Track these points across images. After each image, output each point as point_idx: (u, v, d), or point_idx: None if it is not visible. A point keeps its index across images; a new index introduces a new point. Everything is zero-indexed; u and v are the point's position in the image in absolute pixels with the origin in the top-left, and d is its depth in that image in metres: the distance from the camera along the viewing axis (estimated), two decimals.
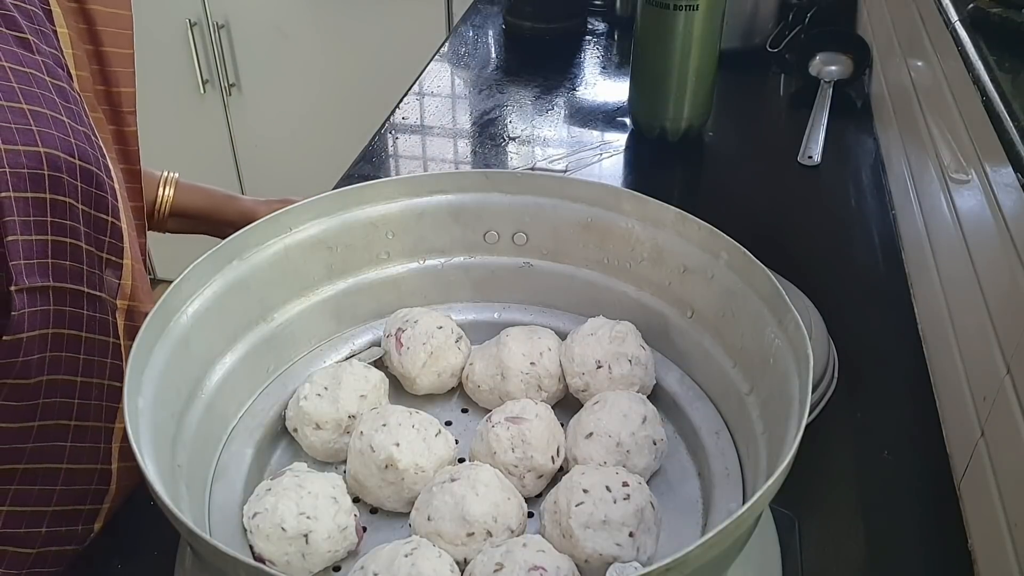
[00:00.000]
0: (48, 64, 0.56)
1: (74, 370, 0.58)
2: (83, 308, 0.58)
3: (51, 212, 0.54)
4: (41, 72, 0.55)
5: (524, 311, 0.67)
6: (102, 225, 0.59)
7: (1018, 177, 0.55)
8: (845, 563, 0.60)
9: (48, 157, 0.53)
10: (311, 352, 0.63)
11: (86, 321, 0.58)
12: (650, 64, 1.04)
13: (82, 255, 0.57)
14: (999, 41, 0.70)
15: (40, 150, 0.53)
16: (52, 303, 0.55)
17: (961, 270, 0.67)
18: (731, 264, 0.56)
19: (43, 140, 0.53)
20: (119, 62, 0.63)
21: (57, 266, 0.55)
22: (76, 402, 0.58)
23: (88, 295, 0.58)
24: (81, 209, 0.56)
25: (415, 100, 1.24)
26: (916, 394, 0.73)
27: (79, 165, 0.56)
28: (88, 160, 0.57)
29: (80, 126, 0.57)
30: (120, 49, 0.63)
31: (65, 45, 0.59)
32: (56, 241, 0.55)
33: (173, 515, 0.40)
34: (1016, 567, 0.51)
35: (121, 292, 0.61)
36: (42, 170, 0.53)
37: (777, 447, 0.48)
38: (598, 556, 0.47)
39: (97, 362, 0.60)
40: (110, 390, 0.61)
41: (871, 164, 1.05)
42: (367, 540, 0.52)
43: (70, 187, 0.55)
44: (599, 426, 0.54)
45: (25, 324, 0.53)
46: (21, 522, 0.58)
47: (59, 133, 0.55)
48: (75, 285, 0.57)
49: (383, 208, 0.63)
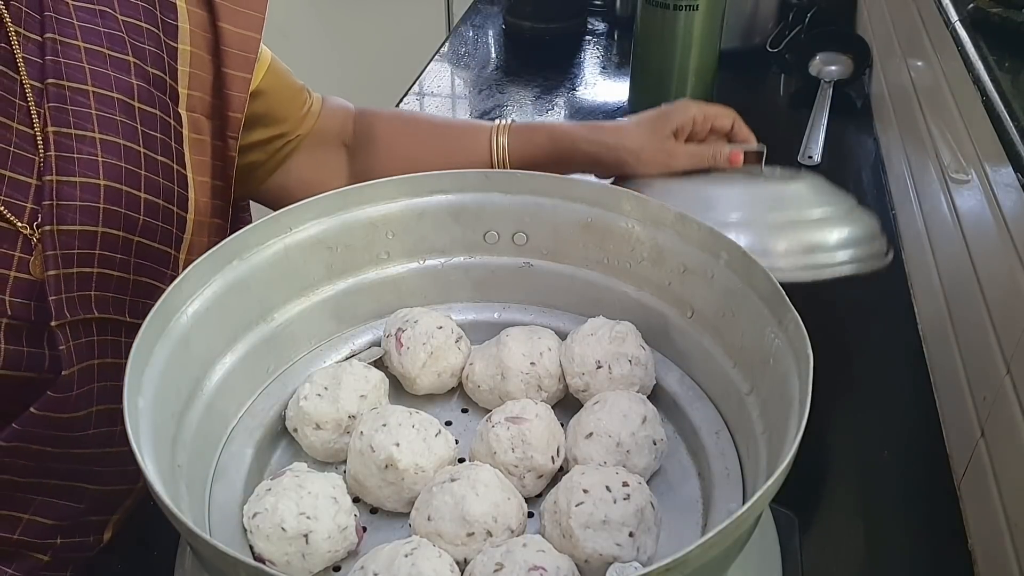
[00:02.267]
0: (143, 88, 0.55)
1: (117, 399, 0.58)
2: (121, 336, 0.58)
3: (100, 245, 0.53)
4: (130, 97, 0.55)
5: (524, 311, 0.67)
6: (163, 257, 0.58)
7: (1018, 177, 0.55)
8: (845, 563, 0.60)
9: (107, 190, 0.53)
10: (311, 352, 0.63)
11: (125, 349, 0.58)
12: (650, 64, 1.04)
13: (128, 286, 0.57)
14: (999, 41, 0.70)
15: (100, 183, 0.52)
16: (95, 334, 0.55)
17: (961, 270, 0.67)
18: (731, 264, 0.56)
19: (106, 172, 0.53)
20: (235, 85, 0.62)
21: (100, 298, 0.55)
22: (118, 429, 0.58)
23: (128, 324, 0.57)
24: (137, 241, 0.56)
25: (415, 100, 1.24)
26: (916, 394, 0.73)
27: (144, 199, 0.55)
28: (156, 193, 0.56)
29: (159, 156, 0.56)
30: (238, 72, 0.62)
31: (182, 63, 0.59)
32: (101, 274, 0.54)
33: (173, 515, 0.40)
34: (1016, 567, 0.51)
35: None
36: (97, 203, 0.52)
37: (777, 447, 0.48)
38: (598, 556, 0.47)
39: None
40: None
41: (871, 164, 1.05)
42: (367, 540, 0.52)
43: (128, 221, 0.55)
44: (599, 426, 0.54)
45: (73, 359, 0.53)
46: (40, 531, 0.58)
47: (128, 165, 0.54)
48: (117, 315, 0.56)
49: (383, 208, 0.63)
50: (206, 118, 0.62)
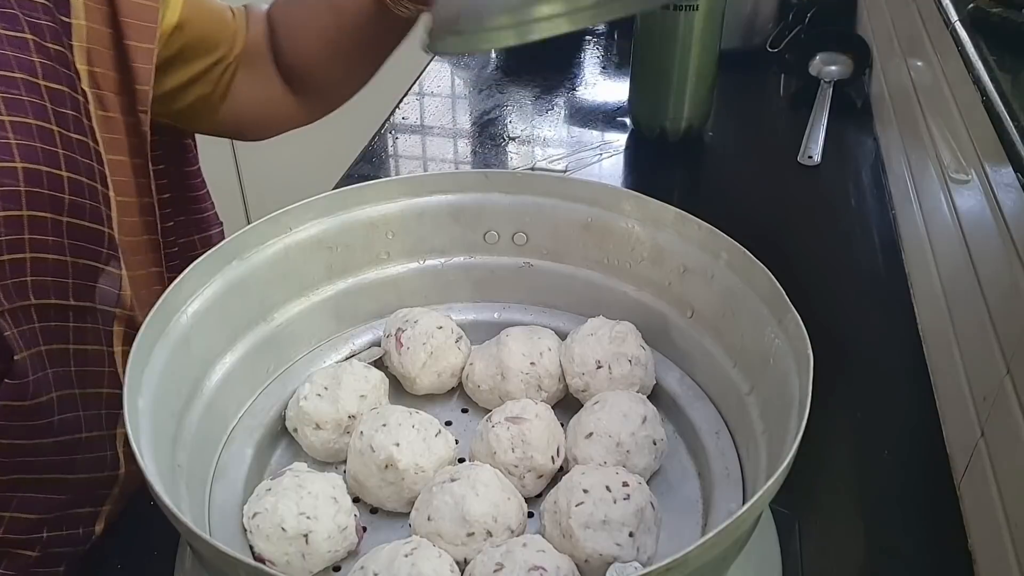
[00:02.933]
0: (46, 65, 0.54)
1: (72, 383, 0.57)
2: (69, 321, 0.57)
3: (29, 229, 0.52)
4: (34, 75, 0.53)
5: (524, 311, 0.67)
6: (96, 235, 0.57)
7: (1018, 177, 0.55)
8: (845, 563, 0.60)
9: (26, 172, 0.51)
10: (311, 352, 0.63)
11: (73, 333, 0.57)
12: (650, 64, 1.04)
13: (66, 268, 0.55)
14: (999, 41, 0.70)
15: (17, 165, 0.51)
16: (37, 320, 0.54)
17: (961, 270, 0.67)
18: (731, 264, 0.56)
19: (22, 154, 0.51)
20: (139, 56, 0.60)
21: (37, 283, 0.53)
22: (82, 414, 0.58)
23: (75, 308, 0.56)
24: (66, 222, 0.54)
25: (415, 100, 1.24)
26: (916, 394, 0.73)
27: (65, 177, 0.54)
28: (77, 171, 0.55)
29: (73, 133, 0.55)
30: (142, 44, 0.60)
31: (78, 39, 0.57)
32: (35, 258, 0.53)
33: (173, 515, 0.40)
34: (1016, 567, 0.51)
35: (121, 301, 0.60)
36: (18, 186, 0.51)
37: (777, 447, 0.48)
38: (598, 556, 0.47)
39: (93, 372, 0.59)
40: (109, 398, 0.61)
41: (871, 164, 1.05)
42: (367, 540, 0.52)
43: (53, 201, 0.53)
44: (599, 426, 0.54)
45: (19, 344, 0.52)
46: (24, 527, 0.58)
47: (43, 144, 0.52)
48: (59, 300, 0.55)
49: (383, 208, 0.63)
50: (113, 94, 0.59)
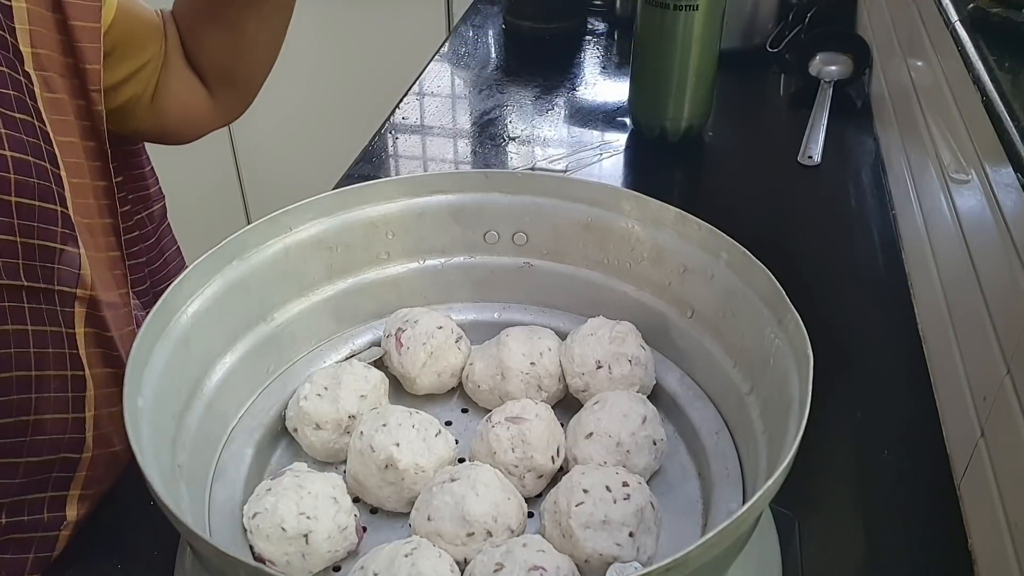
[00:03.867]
0: None
1: (28, 365, 0.57)
2: (23, 302, 0.56)
3: None
4: None
5: (524, 311, 0.67)
6: (49, 215, 0.57)
7: (1018, 177, 0.55)
8: (845, 563, 0.60)
9: None
10: (311, 352, 0.63)
11: (30, 314, 0.57)
12: (650, 64, 1.04)
13: (16, 249, 0.55)
14: (999, 41, 0.70)
15: None
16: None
17: (961, 270, 0.67)
18: (731, 264, 0.56)
19: None
20: (86, 36, 0.60)
21: None
22: (34, 396, 0.58)
23: (28, 288, 0.56)
24: (16, 202, 0.54)
25: (415, 100, 1.24)
26: (916, 394, 0.73)
27: (10, 156, 0.54)
28: (22, 149, 0.55)
29: (17, 113, 0.55)
30: (86, 23, 0.60)
31: (20, 21, 0.56)
32: None
33: (173, 515, 0.40)
34: (1016, 567, 0.51)
35: (81, 282, 0.59)
36: None
37: (777, 447, 0.48)
38: (598, 556, 0.47)
39: (53, 354, 0.58)
40: (74, 379, 0.60)
41: (871, 164, 1.05)
42: (367, 540, 0.53)
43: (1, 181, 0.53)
44: (599, 426, 0.54)
45: None
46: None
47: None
48: (10, 280, 0.55)
49: (383, 208, 0.63)
50: (59, 76, 0.59)
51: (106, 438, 0.63)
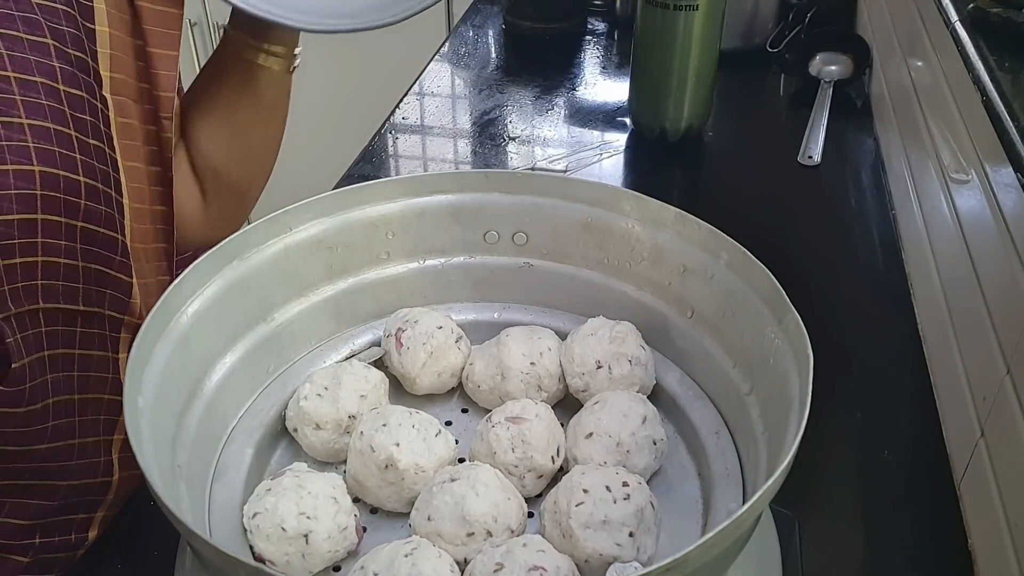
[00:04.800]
0: (66, 71, 0.54)
1: (72, 389, 0.57)
2: (77, 326, 0.57)
3: (42, 233, 0.52)
4: (54, 80, 0.53)
5: (524, 311, 0.67)
6: (109, 242, 0.57)
7: (1018, 177, 0.55)
8: (845, 563, 0.60)
9: (43, 176, 0.52)
10: (311, 352, 0.63)
11: (79, 338, 0.57)
12: (650, 64, 1.04)
13: (77, 273, 0.55)
14: (999, 41, 0.70)
15: (35, 169, 0.51)
16: (44, 324, 0.54)
17: (961, 270, 0.67)
18: (731, 264, 0.56)
19: (39, 158, 0.52)
20: (163, 64, 0.61)
21: (48, 287, 0.54)
22: (77, 420, 0.58)
23: (83, 313, 0.57)
24: (80, 227, 0.55)
25: (415, 100, 1.24)
26: (916, 394, 0.73)
27: (83, 182, 0.54)
28: (94, 176, 0.55)
29: (91, 139, 0.55)
30: (165, 51, 0.61)
31: (102, 45, 0.57)
32: (47, 262, 0.53)
33: (173, 515, 0.40)
34: (1016, 567, 0.51)
35: (130, 310, 0.60)
36: (34, 190, 0.51)
37: (777, 447, 0.48)
38: (598, 556, 0.47)
39: (94, 378, 0.59)
40: (109, 404, 0.60)
41: (871, 164, 1.05)
42: (367, 540, 0.52)
43: (68, 205, 0.53)
44: (599, 426, 0.54)
45: (22, 351, 0.52)
46: (16, 532, 0.57)
47: (61, 149, 0.53)
48: (68, 304, 0.55)
49: (383, 208, 0.63)
50: (133, 102, 0.60)
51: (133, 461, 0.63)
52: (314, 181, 0.90)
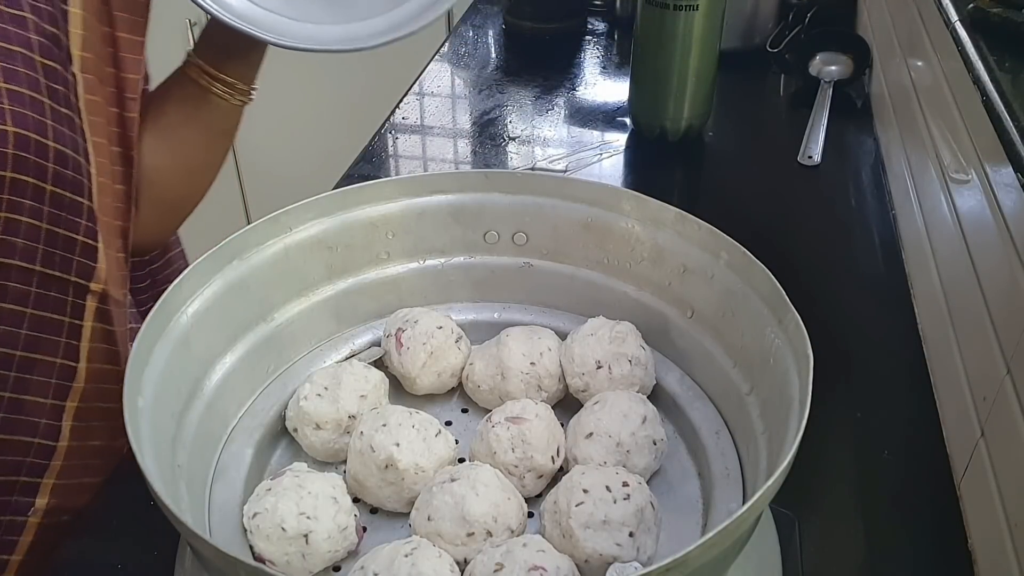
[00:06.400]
0: (42, 44, 0.56)
1: (15, 345, 0.58)
2: (32, 285, 0.58)
3: (9, 190, 0.54)
4: (31, 50, 0.56)
5: (524, 311, 0.67)
6: (76, 207, 0.59)
7: (1018, 177, 0.55)
8: (845, 563, 0.60)
9: (16, 137, 0.54)
10: (311, 352, 0.63)
11: (34, 298, 0.58)
12: (650, 64, 1.04)
13: (39, 234, 0.57)
14: (999, 41, 0.70)
15: (8, 129, 0.53)
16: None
17: (961, 270, 0.67)
18: (731, 264, 0.56)
19: (13, 119, 0.54)
20: (129, 48, 0.63)
21: (5, 242, 0.55)
22: (13, 375, 0.59)
23: (40, 273, 0.58)
24: (50, 190, 0.57)
25: (415, 100, 1.24)
26: (916, 394, 0.73)
27: (53, 147, 0.56)
28: (64, 142, 0.57)
29: (63, 108, 0.57)
30: (131, 35, 0.63)
31: (74, 26, 0.60)
32: (9, 219, 0.55)
33: (173, 515, 0.40)
34: (1016, 567, 0.51)
35: (96, 276, 0.61)
36: (6, 148, 0.53)
37: (777, 447, 0.48)
38: (598, 556, 0.47)
39: (45, 339, 0.59)
40: (63, 368, 0.61)
41: (871, 164, 1.05)
42: (367, 540, 0.53)
43: (38, 168, 0.55)
44: (599, 426, 0.54)
45: None
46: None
47: (34, 113, 0.55)
48: (24, 263, 0.57)
49: (383, 208, 0.63)
50: (99, 82, 0.62)
51: (88, 431, 0.64)
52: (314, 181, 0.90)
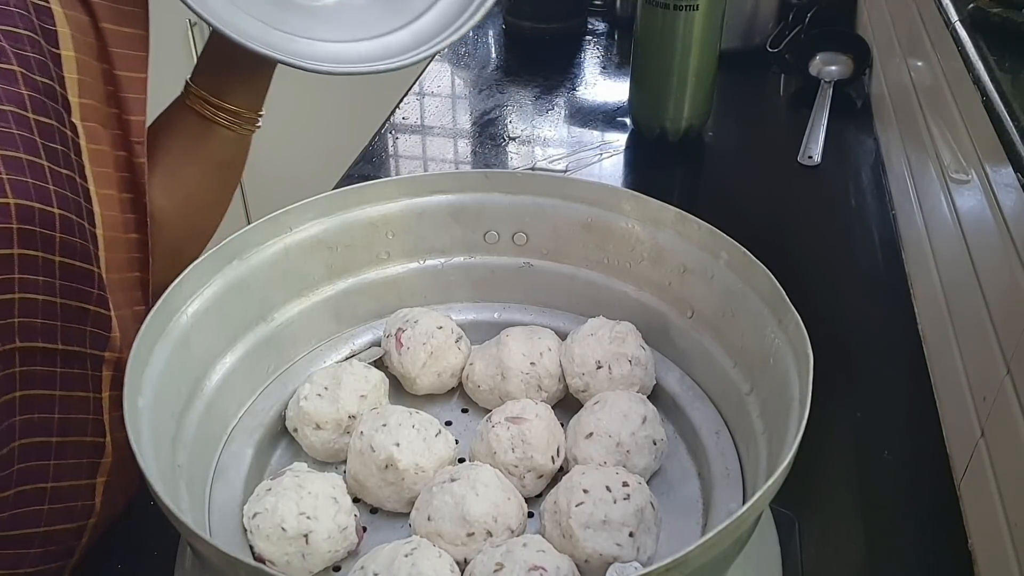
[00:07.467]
0: (34, 99, 0.52)
1: (50, 431, 0.55)
2: (56, 366, 0.55)
3: (20, 268, 0.50)
4: (23, 108, 0.51)
5: (524, 311, 0.67)
6: (87, 276, 0.55)
7: (1018, 177, 0.55)
8: (845, 563, 0.60)
9: (19, 209, 0.50)
10: (311, 352, 0.63)
11: (60, 379, 0.55)
12: (650, 64, 1.04)
13: (56, 310, 0.53)
14: (999, 41, 0.70)
15: (10, 201, 0.49)
16: (19, 364, 0.52)
17: (961, 270, 0.67)
18: (731, 264, 0.56)
19: (14, 189, 0.50)
20: (131, 87, 0.59)
21: (26, 325, 0.52)
22: (52, 463, 0.56)
23: (63, 352, 0.55)
24: (58, 261, 0.53)
25: (415, 100, 1.24)
26: (916, 394, 0.73)
27: (57, 214, 0.52)
28: (68, 207, 0.53)
29: (63, 168, 0.53)
30: (132, 73, 0.59)
31: (68, 71, 0.55)
32: (24, 299, 0.51)
33: (173, 515, 0.40)
34: (1016, 567, 0.51)
35: (111, 344, 0.58)
36: (10, 223, 0.49)
37: (777, 447, 0.48)
38: (598, 556, 0.47)
39: (75, 420, 0.57)
40: (93, 446, 0.58)
41: (871, 164, 1.05)
42: (367, 540, 0.53)
43: (44, 240, 0.52)
44: (599, 426, 0.54)
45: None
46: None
47: (34, 180, 0.51)
48: (47, 343, 0.53)
49: (383, 208, 0.63)
50: (103, 127, 0.58)
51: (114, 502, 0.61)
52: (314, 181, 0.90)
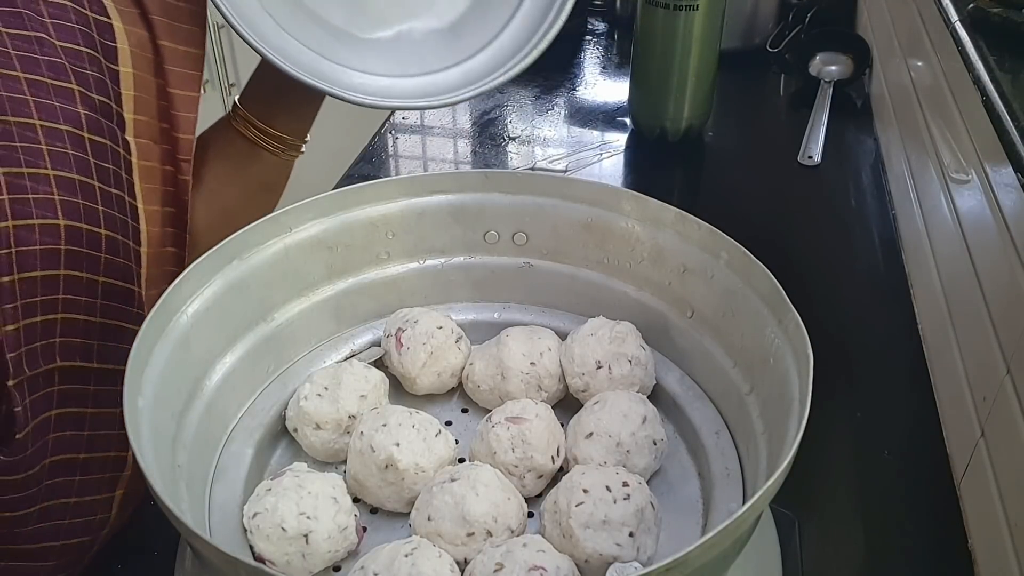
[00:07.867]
0: (91, 118, 0.52)
1: (79, 448, 0.55)
2: (90, 384, 0.55)
3: (64, 289, 0.51)
4: (79, 128, 0.52)
5: (524, 311, 0.67)
6: (126, 295, 0.56)
7: (1018, 177, 0.55)
8: (845, 563, 0.60)
9: (67, 230, 0.50)
10: (311, 352, 0.63)
11: (93, 397, 0.55)
12: (650, 64, 1.04)
13: (94, 330, 0.54)
14: (999, 41, 0.70)
15: (60, 223, 0.50)
16: (57, 383, 0.52)
17: (961, 270, 0.67)
18: (731, 264, 0.56)
19: (64, 211, 0.50)
20: (183, 105, 0.59)
21: (66, 345, 0.52)
22: (78, 479, 0.56)
23: (96, 370, 0.55)
24: (102, 282, 0.53)
25: None
26: (916, 394, 0.73)
27: (104, 235, 0.52)
28: (114, 228, 0.53)
29: (113, 188, 0.54)
30: (186, 91, 0.59)
31: (126, 87, 0.56)
32: (67, 319, 0.51)
33: (173, 515, 0.40)
34: (1016, 567, 0.51)
35: None
36: (58, 245, 0.50)
37: (777, 447, 0.48)
38: (598, 556, 0.47)
39: (102, 436, 0.57)
40: (116, 460, 0.58)
41: (871, 164, 1.05)
42: (367, 540, 0.53)
43: (90, 261, 0.52)
44: (599, 426, 0.54)
45: (29, 416, 0.50)
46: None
47: (85, 201, 0.51)
48: (83, 362, 0.54)
49: (383, 208, 0.63)
50: (154, 143, 0.59)
51: (126, 510, 0.61)
52: (314, 181, 0.90)
